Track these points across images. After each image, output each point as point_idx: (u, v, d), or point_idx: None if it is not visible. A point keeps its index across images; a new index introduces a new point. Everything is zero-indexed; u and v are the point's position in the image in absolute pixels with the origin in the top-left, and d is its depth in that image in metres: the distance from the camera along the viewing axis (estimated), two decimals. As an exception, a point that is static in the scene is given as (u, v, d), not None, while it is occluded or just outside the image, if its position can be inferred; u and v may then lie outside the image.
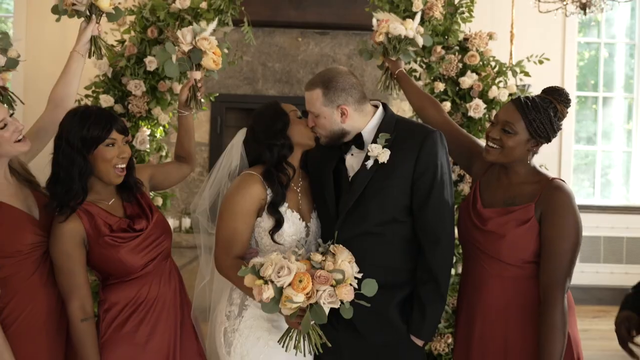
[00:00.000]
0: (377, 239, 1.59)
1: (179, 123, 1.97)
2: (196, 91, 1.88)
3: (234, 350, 1.59)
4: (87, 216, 1.59)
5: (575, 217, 1.54)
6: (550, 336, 1.48)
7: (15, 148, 1.60)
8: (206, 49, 1.84)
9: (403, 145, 1.57)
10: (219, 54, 1.89)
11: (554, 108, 1.61)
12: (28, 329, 1.58)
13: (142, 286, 1.62)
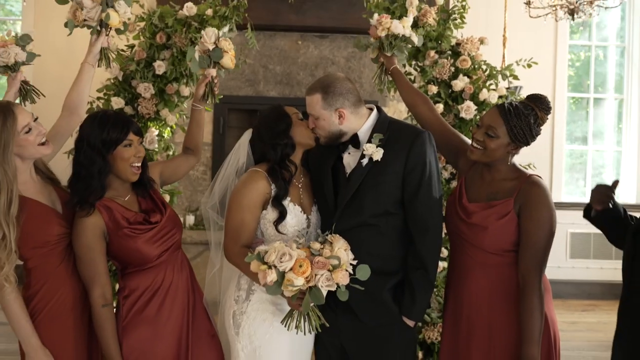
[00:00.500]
0: (372, 229, 1.73)
1: (192, 116, 2.12)
2: (212, 87, 2.05)
3: (242, 331, 1.75)
4: (107, 211, 1.74)
5: (550, 210, 1.69)
6: (530, 317, 1.63)
7: (39, 151, 1.74)
8: (227, 49, 2.02)
9: (395, 145, 1.72)
10: (234, 54, 2.07)
11: (535, 115, 1.74)
12: (56, 314, 1.72)
13: (157, 274, 1.78)
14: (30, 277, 1.75)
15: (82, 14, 1.89)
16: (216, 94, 2.10)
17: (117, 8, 1.94)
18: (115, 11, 1.94)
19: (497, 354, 1.69)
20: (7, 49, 2.03)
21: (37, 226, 1.71)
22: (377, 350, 1.77)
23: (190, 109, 2.14)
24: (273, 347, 1.73)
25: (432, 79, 3.02)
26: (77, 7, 1.89)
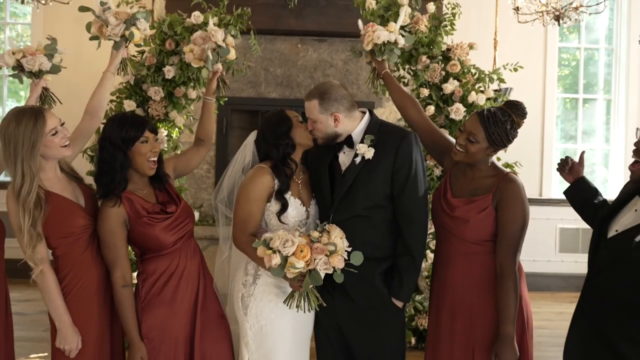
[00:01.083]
0: (364, 221, 1.94)
1: (203, 108, 2.32)
2: (223, 78, 2.33)
3: (250, 311, 1.96)
4: (128, 202, 1.95)
5: (523, 205, 1.88)
6: (507, 299, 1.83)
7: (61, 152, 1.95)
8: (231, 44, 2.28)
9: (385, 145, 1.92)
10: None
11: (512, 121, 1.91)
12: (82, 296, 1.94)
13: (172, 259, 1.99)
14: (58, 264, 1.96)
15: (108, 30, 2.09)
16: (228, 83, 2.39)
17: (138, 25, 2.14)
18: (137, 29, 2.14)
19: (477, 332, 1.88)
20: (34, 57, 2.24)
21: (62, 218, 1.92)
22: (370, 329, 1.98)
23: (202, 102, 2.34)
24: (277, 325, 1.95)
25: (424, 83, 3.24)
26: (103, 24, 2.09)
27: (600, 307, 1.62)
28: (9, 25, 5.27)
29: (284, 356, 1.96)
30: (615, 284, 1.57)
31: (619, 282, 1.56)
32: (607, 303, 1.60)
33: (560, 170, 2.04)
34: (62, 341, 1.88)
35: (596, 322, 1.63)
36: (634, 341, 1.52)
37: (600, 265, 1.66)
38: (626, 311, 1.54)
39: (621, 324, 1.55)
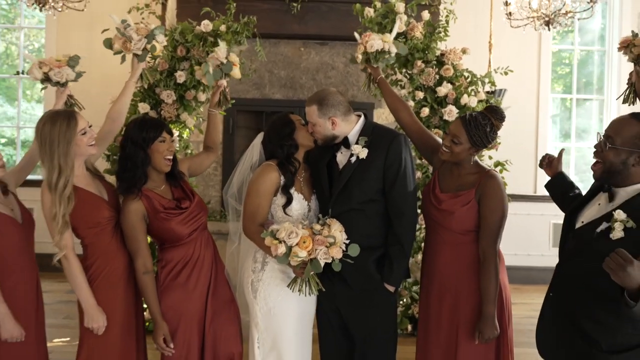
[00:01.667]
0: (359, 213, 2.17)
1: (209, 120, 2.56)
2: (226, 93, 2.52)
3: (259, 295, 2.20)
4: (147, 199, 2.20)
5: (502, 199, 2.10)
6: (488, 282, 2.06)
7: (88, 150, 2.19)
8: (235, 62, 2.47)
9: (377, 146, 2.15)
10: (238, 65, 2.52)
11: (491, 124, 2.13)
12: (109, 281, 2.18)
13: (188, 249, 2.24)
14: (86, 252, 2.21)
15: (132, 45, 2.32)
16: (229, 99, 2.56)
17: (157, 39, 2.37)
18: (157, 42, 2.37)
19: (461, 311, 2.11)
20: (61, 70, 2.48)
21: (89, 211, 2.16)
22: (365, 310, 2.22)
23: (207, 114, 2.58)
24: (283, 307, 2.19)
25: (420, 86, 3.48)
26: (127, 40, 2.32)
27: (569, 292, 1.81)
28: (24, 30, 5.51)
29: (290, 335, 2.20)
30: (581, 270, 1.75)
31: (584, 269, 1.74)
32: (574, 288, 1.79)
33: (541, 166, 2.27)
34: (90, 320, 2.13)
35: (565, 307, 1.82)
36: (599, 322, 1.70)
37: (569, 253, 1.88)
38: (591, 295, 1.71)
39: (587, 307, 1.73)
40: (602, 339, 1.69)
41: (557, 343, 1.83)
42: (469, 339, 2.07)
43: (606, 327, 1.68)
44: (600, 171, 1.74)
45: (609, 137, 1.71)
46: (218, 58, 2.44)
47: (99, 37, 5.45)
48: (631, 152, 1.66)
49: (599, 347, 1.70)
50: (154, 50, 2.37)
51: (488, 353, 2.08)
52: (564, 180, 2.19)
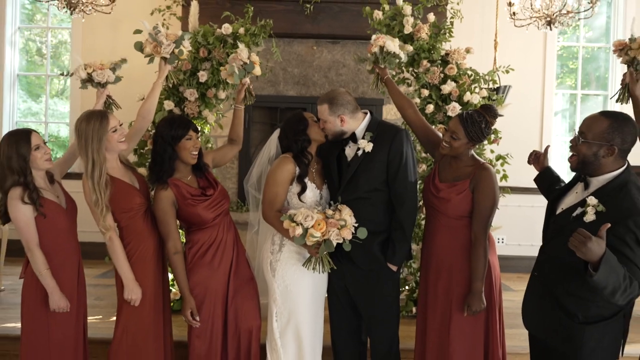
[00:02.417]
0: (365, 201, 2.45)
1: (234, 115, 2.85)
2: (250, 90, 2.81)
3: (277, 273, 2.49)
4: (176, 188, 2.50)
5: (493, 189, 2.36)
6: (478, 262, 2.33)
7: (119, 146, 2.49)
8: (256, 61, 2.75)
9: (381, 140, 2.42)
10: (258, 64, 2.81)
11: (485, 121, 2.39)
12: (142, 259, 2.49)
13: (212, 232, 2.54)
14: (122, 234, 2.52)
15: (161, 50, 2.61)
16: (253, 95, 2.85)
17: (184, 45, 2.65)
18: (184, 47, 2.66)
19: (455, 287, 2.39)
20: (103, 71, 2.78)
21: (123, 197, 2.47)
22: (370, 288, 2.50)
23: (233, 110, 2.86)
24: (299, 284, 2.48)
25: (425, 84, 3.71)
26: (158, 44, 2.61)
27: (550, 271, 2.07)
28: (51, 30, 5.84)
29: (304, 309, 2.49)
30: (560, 251, 1.98)
31: (562, 250, 1.95)
32: (554, 267, 2.04)
33: (529, 162, 2.53)
34: (129, 292, 2.44)
35: (547, 283, 2.08)
36: (575, 295, 1.95)
37: (550, 236, 2.14)
38: (568, 272, 1.96)
39: (565, 282, 1.98)
40: (578, 311, 1.95)
41: (540, 315, 2.10)
42: (462, 311, 2.34)
43: (581, 300, 1.94)
44: (575, 163, 1.99)
45: (582, 132, 1.96)
46: (241, 59, 2.72)
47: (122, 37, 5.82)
48: (601, 145, 1.91)
49: (576, 319, 1.96)
50: (181, 54, 2.65)
51: (477, 325, 2.35)
52: (551, 174, 2.45)
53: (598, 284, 1.71)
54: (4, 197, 2.42)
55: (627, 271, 1.74)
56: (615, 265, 1.71)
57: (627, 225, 1.78)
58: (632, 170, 1.95)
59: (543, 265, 2.14)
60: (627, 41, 2.56)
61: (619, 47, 2.60)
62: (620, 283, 1.71)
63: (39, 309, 2.45)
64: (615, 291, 1.73)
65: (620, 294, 1.73)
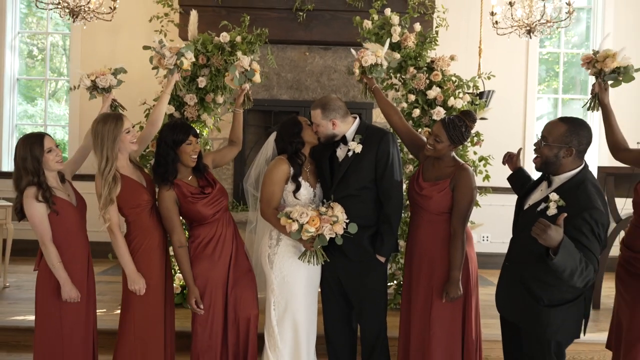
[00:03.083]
0: (356, 198, 2.67)
1: (234, 118, 3.07)
2: (249, 95, 3.03)
3: (274, 266, 2.71)
4: (177, 187, 2.71)
5: (472, 187, 2.59)
6: (456, 252, 2.56)
7: (130, 147, 2.71)
8: (257, 69, 2.98)
9: (369, 142, 2.66)
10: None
11: (465, 125, 2.62)
12: (147, 253, 2.70)
13: (212, 227, 2.75)
14: (129, 228, 2.73)
15: (165, 62, 2.83)
16: (251, 100, 3.10)
17: (186, 56, 2.88)
18: (186, 58, 2.88)
19: (436, 276, 2.62)
20: (105, 77, 3.00)
21: (132, 194, 2.69)
22: (360, 278, 2.74)
23: (233, 113, 3.09)
24: (295, 275, 2.70)
25: (412, 89, 3.97)
26: (161, 57, 2.84)
27: (519, 260, 2.32)
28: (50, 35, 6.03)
29: (300, 298, 2.72)
30: (527, 242, 2.20)
31: (529, 240, 2.16)
32: (522, 256, 2.29)
33: (503, 162, 2.78)
34: (132, 283, 2.66)
35: (516, 271, 2.33)
36: (541, 281, 2.20)
37: (518, 230, 2.39)
38: (534, 260, 2.18)
39: (532, 269, 2.22)
40: (544, 295, 2.20)
41: (510, 300, 2.35)
42: (441, 298, 2.58)
43: (546, 285, 2.19)
44: (539, 163, 2.25)
45: (543, 137, 2.22)
46: (243, 66, 2.95)
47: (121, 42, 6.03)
48: (560, 147, 2.17)
49: (542, 302, 2.21)
50: (181, 65, 2.88)
51: (455, 311, 2.59)
52: (523, 174, 2.70)
53: (558, 266, 1.96)
54: (19, 195, 2.62)
55: (583, 256, 1.99)
56: (572, 250, 1.96)
57: (583, 218, 2.03)
58: (589, 168, 2.21)
59: (513, 255, 2.39)
60: (592, 55, 2.78)
61: (586, 60, 2.81)
62: (577, 266, 1.96)
63: (51, 299, 2.64)
64: (573, 273, 1.98)
65: (577, 275, 1.98)
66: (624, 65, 2.67)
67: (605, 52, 2.72)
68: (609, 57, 2.67)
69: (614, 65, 2.66)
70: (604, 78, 2.73)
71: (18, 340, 3.36)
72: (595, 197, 2.08)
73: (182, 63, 2.88)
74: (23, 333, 3.35)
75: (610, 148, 2.67)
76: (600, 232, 2.05)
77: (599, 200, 2.09)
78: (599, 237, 2.05)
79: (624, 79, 2.71)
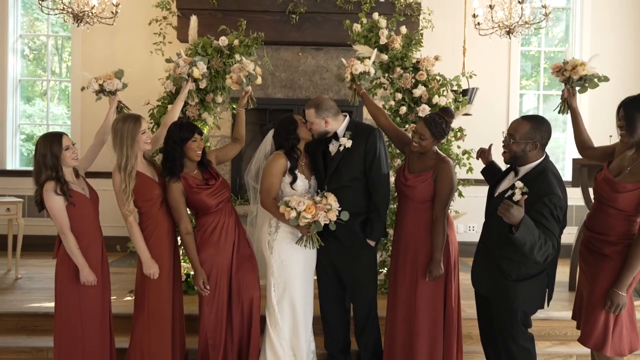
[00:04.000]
0: (347, 189, 2.98)
1: (237, 117, 3.38)
2: (252, 96, 3.34)
3: (274, 250, 3.01)
4: (184, 180, 3.01)
5: (452, 177, 2.88)
6: (437, 235, 2.86)
7: (145, 146, 2.99)
8: (259, 73, 3.29)
9: (358, 138, 2.97)
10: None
11: (445, 122, 2.92)
12: (159, 240, 3.00)
13: (216, 216, 3.05)
14: (141, 219, 3.02)
15: (178, 70, 3.13)
16: (254, 101, 3.41)
17: (198, 66, 3.17)
18: (197, 68, 3.18)
19: (420, 259, 2.92)
20: (112, 81, 3.28)
21: (145, 188, 2.98)
22: (352, 261, 3.05)
23: (236, 113, 3.39)
24: (293, 258, 3.01)
25: (399, 88, 4.26)
26: (176, 66, 3.14)
27: (490, 241, 2.65)
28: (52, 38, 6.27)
29: (297, 280, 3.02)
30: (497, 224, 2.52)
31: (499, 223, 2.48)
32: (494, 238, 2.62)
33: (477, 157, 3.09)
34: (147, 268, 2.95)
35: (488, 251, 2.65)
36: (509, 258, 2.53)
37: (489, 214, 2.71)
38: (504, 240, 2.46)
39: (501, 248, 2.54)
40: (512, 271, 2.53)
41: (483, 276, 2.68)
42: (425, 277, 2.90)
43: (514, 262, 2.52)
44: (507, 157, 2.58)
45: (511, 134, 2.55)
46: (247, 70, 3.25)
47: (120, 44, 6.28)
48: (526, 143, 2.49)
49: (510, 277, 2.54)
50: (192, 73, 3.19)
51: (438, 288, 2.91)
52: (494, 167, 3.02)
53: (519, 240, 2.28)
54: (39, 189, 2.90)
55: (542, 234, 2.32)
56: (531, 227, 2.28)
57: (543, 202, 2.36)
58: (549, 159, 2.53)
59: (485, 237, 2.72)
60: (561, 64, 3.08)
61: (555, 69, 3.10)
62: (535, 241, 2.29)
63: (70, 283, 2.92)
64: (533, 247, 2.30)
65: (537, 250, 2.31)
66: (590, 73, 2.97)
67: (573, 61, 3.02)
68: (577, 66, 2.97)
69: (581, 74, 2.95)
70: (572, 85, 3.02)
71: (36, 325, 3.65)
72: (555, 184, 2.41)
73: (193, 72, 3.19)
74: (40, 318, 3.64)
75: (578, 146, 2.99)
76: (559, 214, 2.38)
77: (558, 186, 2.42)
78: (558, 218, 2.38)
79: (589, 86, 3.01)
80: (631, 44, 6.08)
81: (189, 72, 3.20)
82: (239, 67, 3.26)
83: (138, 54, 5.82)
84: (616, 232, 2.45)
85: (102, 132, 3.22)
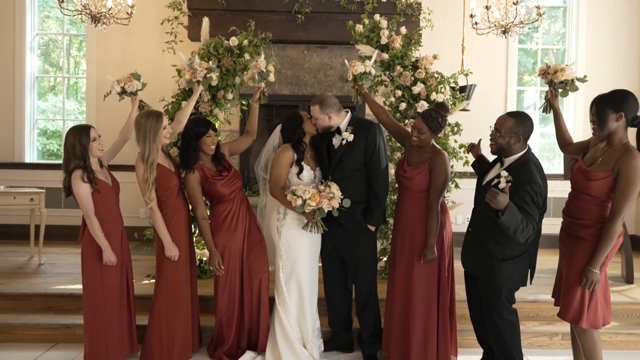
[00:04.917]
0: (349, 179, 3.27)
1: (250, 111, 3.69)
2: (264, 92, 3.65)
3: (282, 235, 3.31)
4: (200, 170, 3.32)
5: (446, 169, 3.16)
6: (431, 223, 3.14)
7: (164, 141, 3.29)
8: (271, 70, 3.59)
9: (359, 132, 3.25)
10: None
11: (442, 116, 3.19)
12: (177, 225, 3.31)
13: (229, 204, 3.36)
14: (160, 206, 3.31)
15: (196, 74, 3.46)
16: (267, 96, 3.73)
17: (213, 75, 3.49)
18: (214, 75, 3.50)
19: (416, 244, 3.20)
20: (132, 83, 3.59)
21: (164, 179, 3.28)
22: (355, 245, 3.35)
23: (249, 107, 3.69)
24: (299, 242, 3.31)
25: (399, 85, 4.54)
26: (193, 71, 3.46)
27: (479, 225, 2.95)
28: (66, 36, 6.58)
29: (304, 263, 3.33)
30: (485, 210, 2.81)
31: (487, 209, 2.77)
32: (482, 222, 2.91)
33: (467, 151, 3.38)
34: (168, 251, 3.26)
35: (477, 234, 2.95)
36: (496, 240, 2.82)
37: (478, 201, 3.01)
38: (491, 224, 2.75)
39: (489, 231, 2.82)
40: (498, 251, 2.83)
41: (471, 256, 2.98)
42: (420, 260, 3.20)
43: (499, 244, 2.81)
44: (494, 148, 2.88)
45: (497, 129, 2.84)
46: (260, 67, 3.56)
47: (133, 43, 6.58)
48: (510, 136, 2.78)
49: (496, 257, 2.83)
50: (210, 80, 3.54)
51: (432, 270, 3.20)
52: (483, 160, 3.31)
53: (504, 224, 2.58)
54: (67, 176, 3.20)
55: (524, 218, 2.61)
56: (515, 211, 2.58)
57: (525, 189, 2.65)
58: (531, 151, 2.83)
59: (474, 221, 3.02)
60: (546, 67, 3.34)
61: (541, 72, 3.36)
62: (518, 224, 2.59)
63: (95, 263, 3.21)
64: (516, 230, 2.60)
65: (520, 232, 2.60)
66: (570, 78, 3.24)
67: (555, 66, 3.29)
68: (559, 71, 3.25)
69: (562, 78, 3.23)
70: (555, 87, 3.30)
71: (61, 305, 3.97)
72: (536, 174, 2.70)
73: (212, 78, 3.59)
74: (66, 299, 3.96)
75: (559, 143, 3.26)
76: (539, 200, 2.67)
77: (539, 176, 2.71)
78: (538, 204, 2.67)
79: (570, 89, 3.28)
80: (626, 43, 6.32)
81: (205, 76, 3.50)
82: (254, 65, 3.56)
83: (150, 52, 6.11)
84: (590, 217, 2.73)
85: (125, 129, 3.53)
